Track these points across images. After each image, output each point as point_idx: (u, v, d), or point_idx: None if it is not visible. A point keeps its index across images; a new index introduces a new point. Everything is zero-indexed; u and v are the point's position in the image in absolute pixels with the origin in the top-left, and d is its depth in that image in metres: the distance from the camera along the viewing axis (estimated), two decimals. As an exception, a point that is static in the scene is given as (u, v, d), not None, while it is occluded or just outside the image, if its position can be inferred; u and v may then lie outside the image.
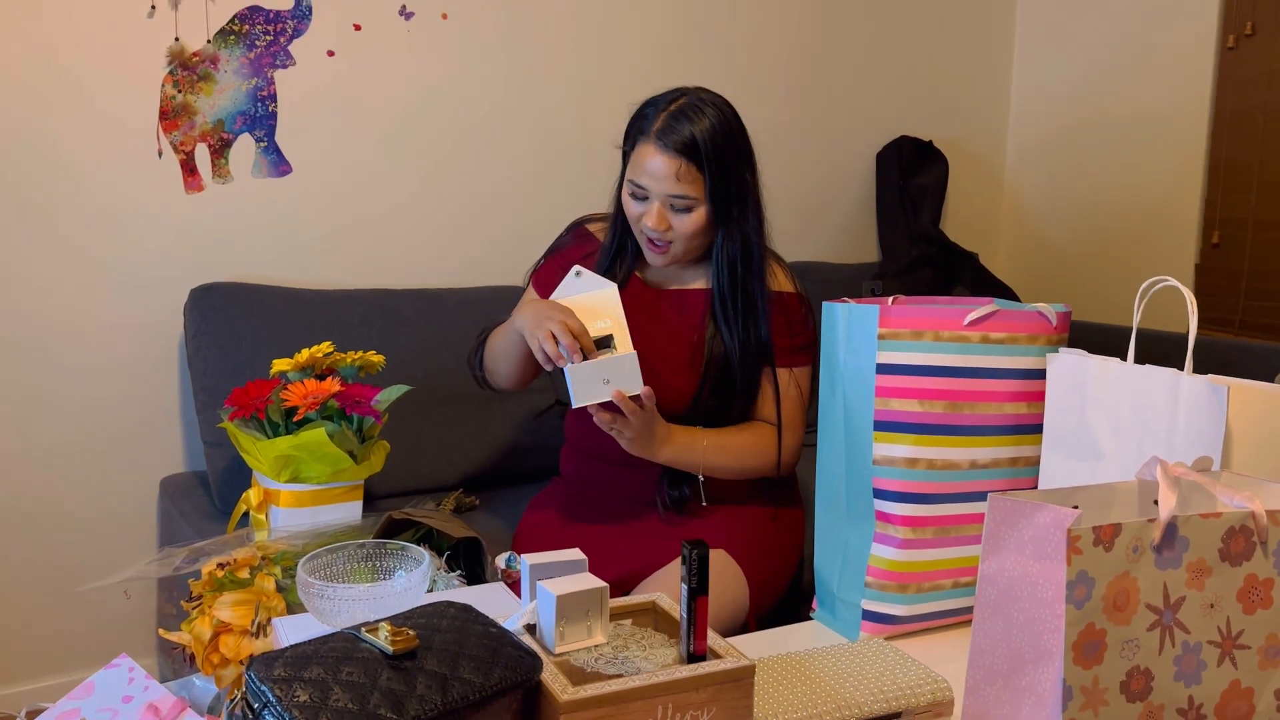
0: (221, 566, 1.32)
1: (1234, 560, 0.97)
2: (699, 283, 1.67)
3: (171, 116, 2.13)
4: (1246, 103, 2.64)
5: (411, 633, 0.88)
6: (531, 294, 1.74)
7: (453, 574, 1.38)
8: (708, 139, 1.52)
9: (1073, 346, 1.28)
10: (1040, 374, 1.29)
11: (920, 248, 2.91)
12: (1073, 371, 1.24)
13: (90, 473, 2.16)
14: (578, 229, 1.76)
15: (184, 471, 2.23)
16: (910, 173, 2.98)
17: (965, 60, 3.15)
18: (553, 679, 0.91)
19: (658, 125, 1.53)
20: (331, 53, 2.26)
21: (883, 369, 1.27)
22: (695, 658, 0.97)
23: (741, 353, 1.62)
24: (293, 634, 1.14)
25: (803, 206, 2.93)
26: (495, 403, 2.17)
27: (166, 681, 1.18)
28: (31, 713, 1.09)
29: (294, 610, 1.27)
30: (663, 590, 1.46)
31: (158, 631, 1.86)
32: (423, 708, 0.82)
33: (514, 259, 2.38)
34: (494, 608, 1.06)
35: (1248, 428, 1.10)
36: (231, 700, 0.86)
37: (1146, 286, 1.21)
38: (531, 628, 1.02)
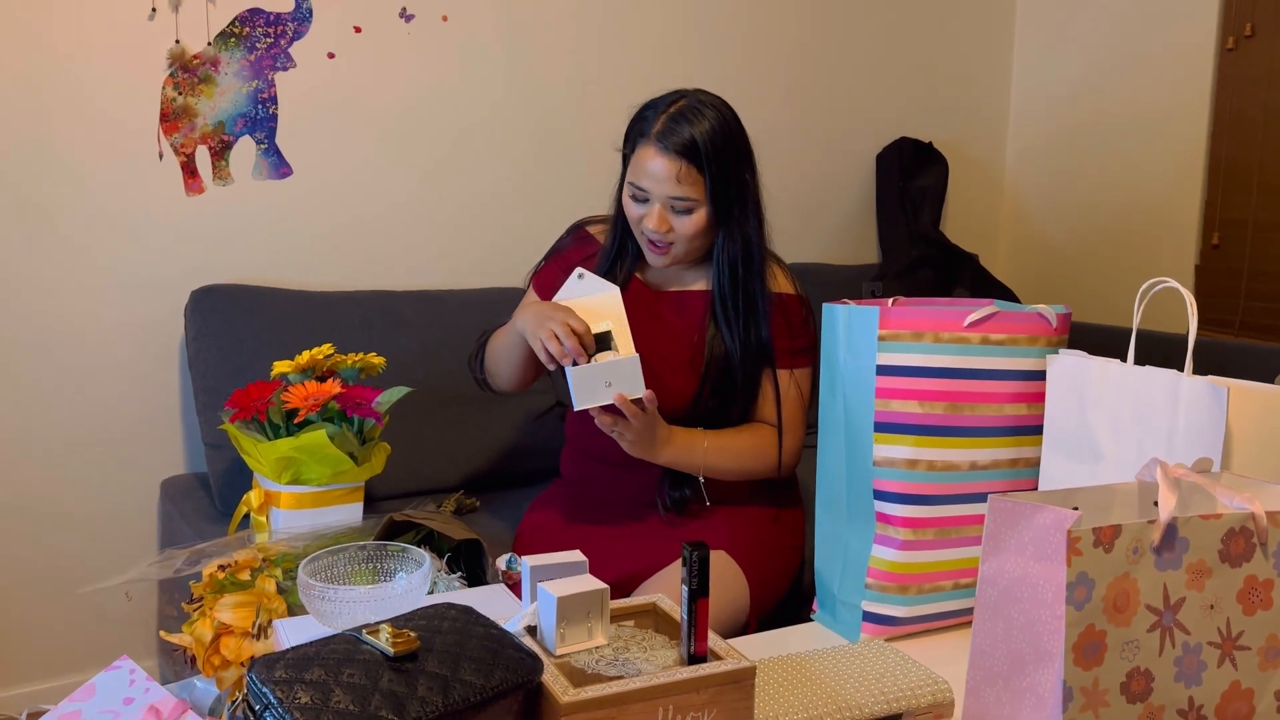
0: (222, 568, 1.31)
1: (1234, 561, 0.97)
2: (699, 284, 1.67)
3: (172, 119, 2.13)
4: (1246, 103, 2.64)
5: (413, 634, 0.88)
6: (532, 296, 1.75)
7: (453, 576, 1.37)
8: (708, 140, 1.52)
9: (1073, 348, 1.28)
10: (1040, 375, 1.29)
11: (920, 249, 2.91)
12: (1073, 373, 1.24)
13: (91, 474, 2.16)
14: (578, 231, 1.76)
15: (185, 473, 2.23)
16: (910, 174, 2.98)
17: (965, 61, 3.15)
18: (553, 680, 0.91)
19: (658, 127, 1.53)
20: (332, 55, 2.26)
21: (883, 370, 1.27)
22: (696, 659, 0.97)
23: (742, 353, 1.62)
24: (294, 636, 1.14)
25: (803, 208, 2.93)
26: (496, 404, 2.17)
27: (167, 683, 1.18)
28: (33, 714, 1.09)
29: (295, 612, 1.27)
30: (663, 592, 1.46)
31: (159, 633, 1.86)
32: (424, 709, 0.82)
33: (514, 260, 2.38)
34: (495, 609, 1.06)
35: (1248, 429, 1.11)
36: (233, 702, 0.86)
37: (1146, 288, 1.21)
38: (532, 629, 1.02)
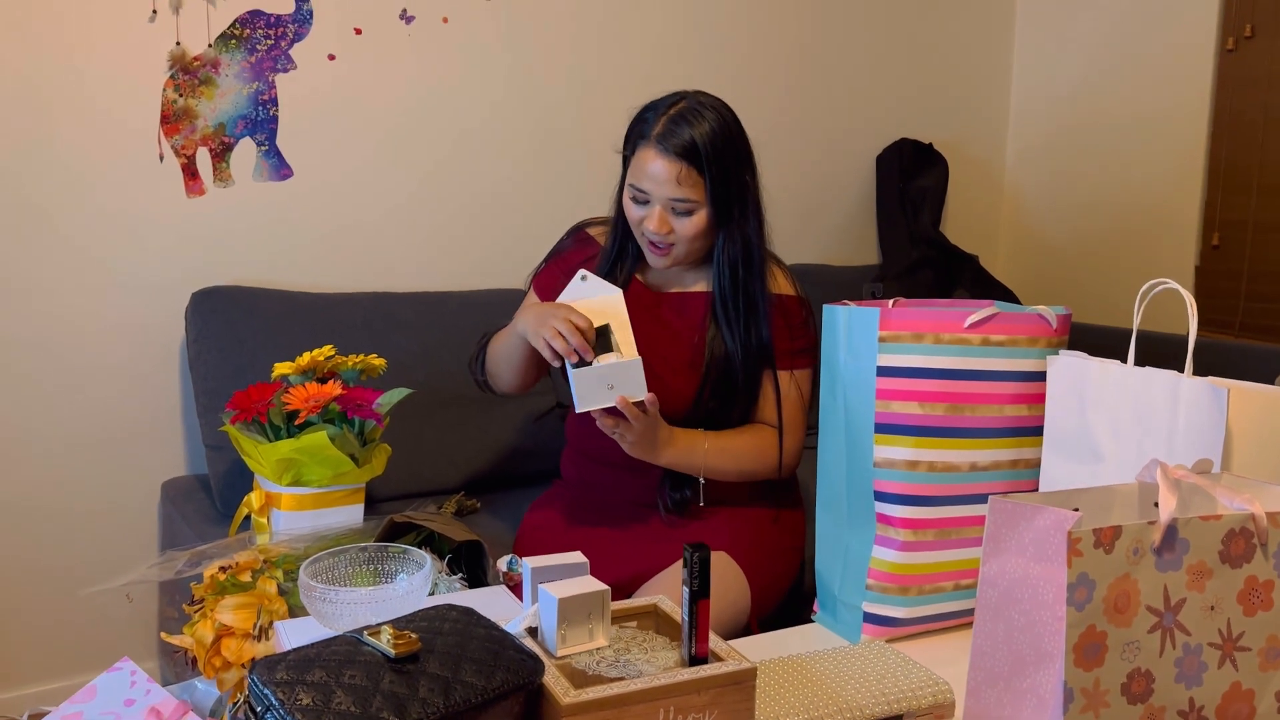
0: (223, 570, 1.31)
1: (1234, 562, 0.97)
2: (700, 285, 1.67)
3: (173, 120, 2.13)
4: (1246, 104, 2.64)
5: (414, 636, 0.88)
6: (532, 298, 1.75)
7: (454, 577, 1.37)
8: (708, 142, 1.52)
9: (1073, 348, 1.28)
10: (1040, 376, 1.29)
11: (920, 250, 2.91)
12: (1073, 374, 1.25)
13: (92, 476, 2.16)
14: (578, 233, 1.77)
15: (185, 474, 2.23)
16: (910, 175, 2.98)
17: (965, 63, 3.15)
18: (554, 682, 0.91)
19: (658, 129, 1.53)
20: (332, 56, 2.26)
21: (883, 371, 1.27)
22: (697, 660, 0.97)
23: (743, 354, 1.62)
24: (295, 637, 1.14)
25: (803, 209, 2.93)
26: (496, 405, 2.17)
27: (168, 685, 1.18)
28: (34, 716, 1.09)
29: (296, 613, 1.27)
30: (664, 593, 1.46)
31: (159, 635, 1.86)
32: (425, 711, 0.82)
33: (515, 262, 2.38)
34: (496, 611, 1.06)
35: (1248, 430, 1.11)
36: (234, 703, 0.86)
37: (1147, 288, 1.21)
38: (533, 631, 1.02)
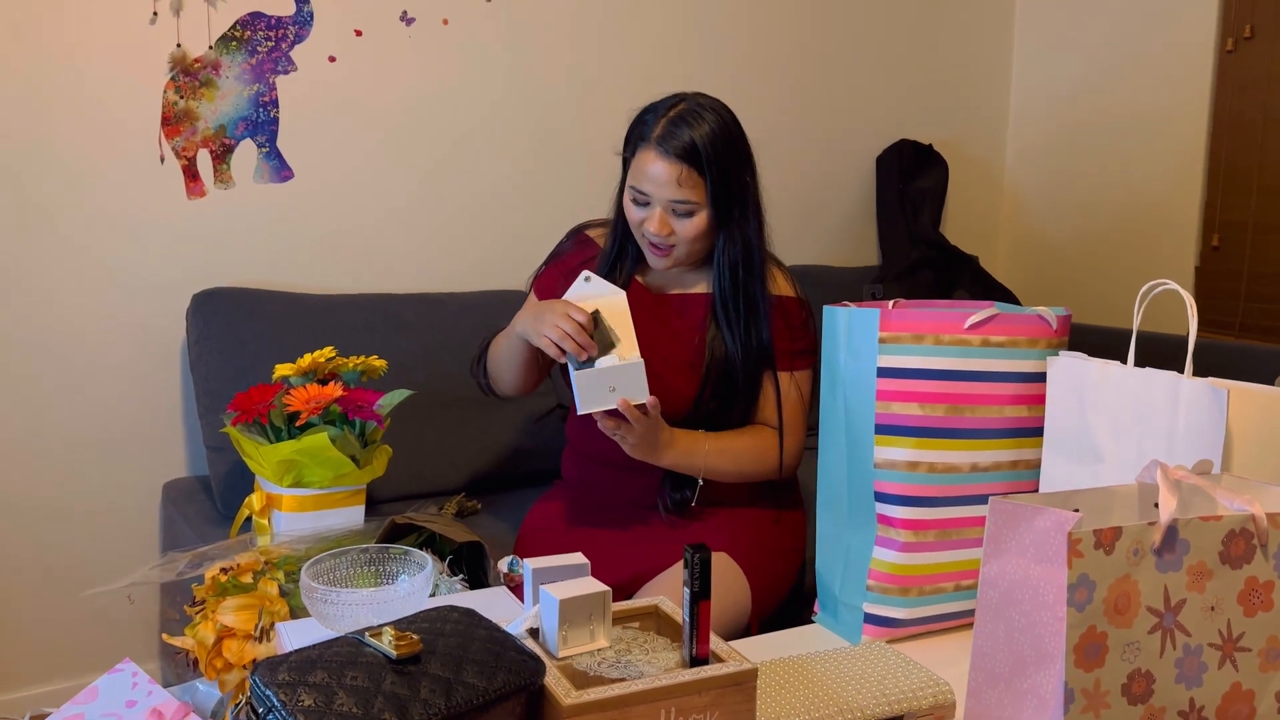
0: (225, 571, 1.31)
1: (1234, 563, 0.97)
2: (700, 287, 1.68)
3: (174, 122, 2.14)
4: (1245, 105, 2.64)
5: (415, 637, 0.88)
6: (533, 300, 1.75)
7: (455, 578, 1.38)
8: (708, 143, 1.52)
9: (1073, 349, 1.28)
10: (1041, 377, 1.29)
11: (920, 251, 2.92)
12: (1073, 374, 1.25)
13: (93, 477, 2.16)
14: (578, 235, 1.77)
15: (186, 476, 2.23)
16: (910, 176, 2.99)
17: (965, 63, 3.15)
18: (556, 683, 0.91)
19: (658, 131, 1.53)
20: (333, 58, 2.27)
21: (883, 373, 1.27)
22: (698, 661, 0.97)
23: (743, 355, 1.62)
24: (296, 638, 1.15)
25: (803, 210, 2.93)
26: (496, 407, 2.17)
27: (170, 686, 1.18)
28: (35, 717, 1.09)
29: (297, 615, 1.27)
30: (665, 594, 1.46)
31: (161, 636, 1.86)
32: (427, 712, 0.82)
33: (515, 263, 2.39)
34: (497, 612, 1.06)
35: (1248, 430, 1.11)
36: (236, 705, 0.86)
37: (1147, 289, 1.21)
38: (534, 632, 1.02)
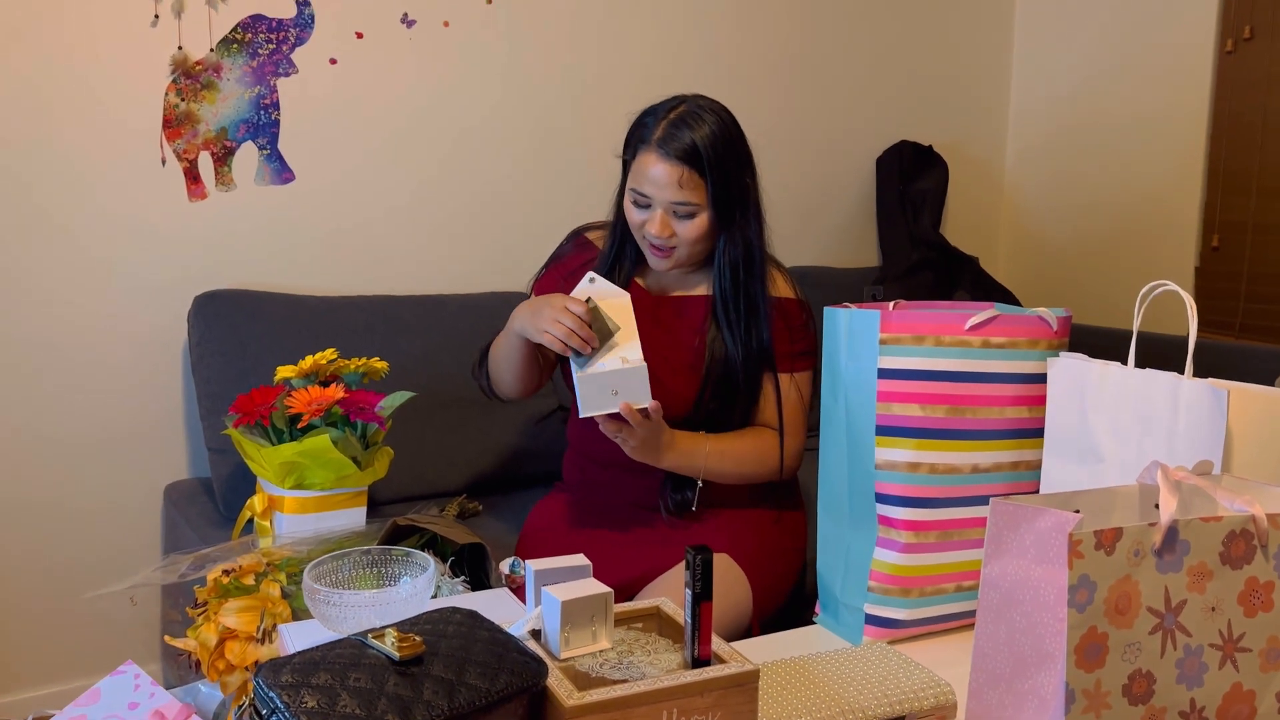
0: (227, 573, 1.32)
1: (1235, 564, 0.97)
2: (700, 289, 1.68)
3: (175, 125, 2.14)
4: (1245, 106, 2.64)
5: (418, 639, 0.89)
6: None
7: (457, 580, 1.38)
8: (708, 145, 1.52)
9: (1073, 350, 1.28)
10: (1041, 378, 1.29)
11: (921, 252, 2.92)
12: (1073, 375, 1.25)
13: (94, 479, 2.16)
14: (577, 237, 1.77)
15: (188, 478, 2.23)
16: (910, 177, 2.99)
17: (964, 65, 3.16)
18: (558, 684, 0.91)
19: (658, 133, 1.53)
20: (334, 60, 2.27)
21: (884, 374, 1.28)
22: (699, 662, 0.97)
23: (743, 356, 1.62)
24: (299, 640, 1.15)
25: (803, 211, 2.94)
26: (498, 408, 2.17)
27: (172, 688, 1.18)
28: (38, 719, 1.09)
29: (299, 616, 1.27)
30: (667, 595, 1.47)
31: (163, 638, 1.86)
32: (429, 713, 0.82)
33: (515, 264, 2.39)
34: (499, 613, 1.06)
35: (1248, 431, 1.11)
36: (238, 706, 0.86)
37: (1147, 290, 1.21)
38: (537, 633, 1.03)
